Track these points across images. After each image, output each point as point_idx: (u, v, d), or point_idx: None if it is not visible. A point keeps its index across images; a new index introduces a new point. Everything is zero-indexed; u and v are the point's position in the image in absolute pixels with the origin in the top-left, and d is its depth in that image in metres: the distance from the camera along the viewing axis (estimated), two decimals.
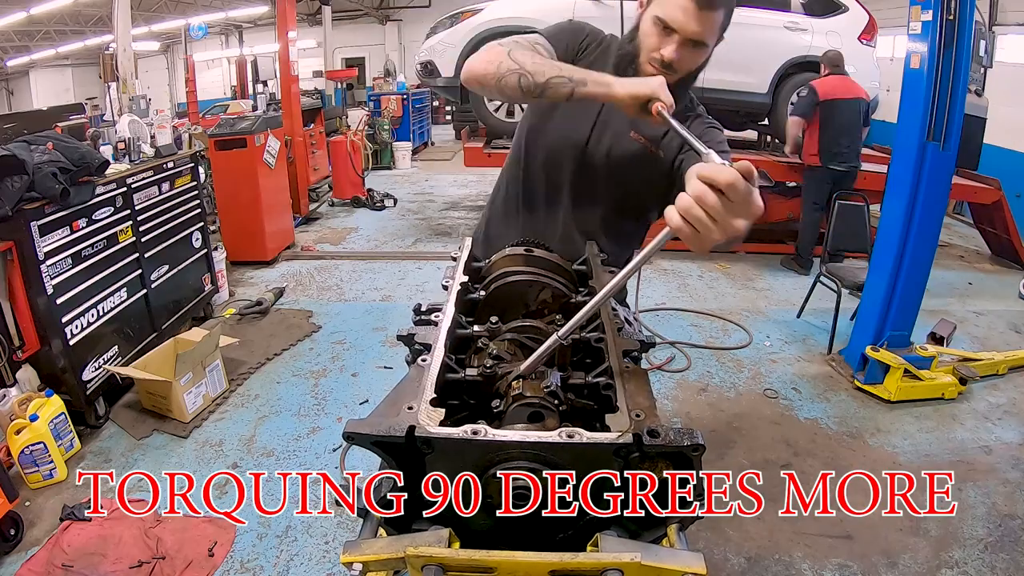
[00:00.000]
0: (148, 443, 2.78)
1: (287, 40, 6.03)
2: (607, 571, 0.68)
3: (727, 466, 2.66)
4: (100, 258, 2.93)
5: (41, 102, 16.89)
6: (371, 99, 10.88)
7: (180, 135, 4.47)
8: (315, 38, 15.71)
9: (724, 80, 5.18)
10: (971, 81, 3.52)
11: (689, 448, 0.74)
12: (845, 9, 5.36)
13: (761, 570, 2.12)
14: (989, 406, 3.16)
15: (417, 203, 7.56)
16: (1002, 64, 6.18)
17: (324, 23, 14.38)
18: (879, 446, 2.83)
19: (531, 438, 0.75)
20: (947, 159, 2.96)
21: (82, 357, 2.78)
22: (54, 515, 2.31)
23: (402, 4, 16.94)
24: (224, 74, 18.00)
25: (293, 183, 5.94)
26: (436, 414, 0.79)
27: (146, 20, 15.24)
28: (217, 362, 3.10)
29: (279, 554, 2.16)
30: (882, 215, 3.26)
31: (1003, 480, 2.60)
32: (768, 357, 3.68)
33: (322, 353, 3.66)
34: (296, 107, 6.24)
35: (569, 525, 0.82)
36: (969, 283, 5.03)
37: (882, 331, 3.21)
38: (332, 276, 4.99)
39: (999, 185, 5.35)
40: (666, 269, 5.16)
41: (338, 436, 2.79)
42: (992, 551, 2.21)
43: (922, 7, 2.87)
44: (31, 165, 2.48)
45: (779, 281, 4.96)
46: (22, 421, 2.42)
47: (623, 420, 0.78)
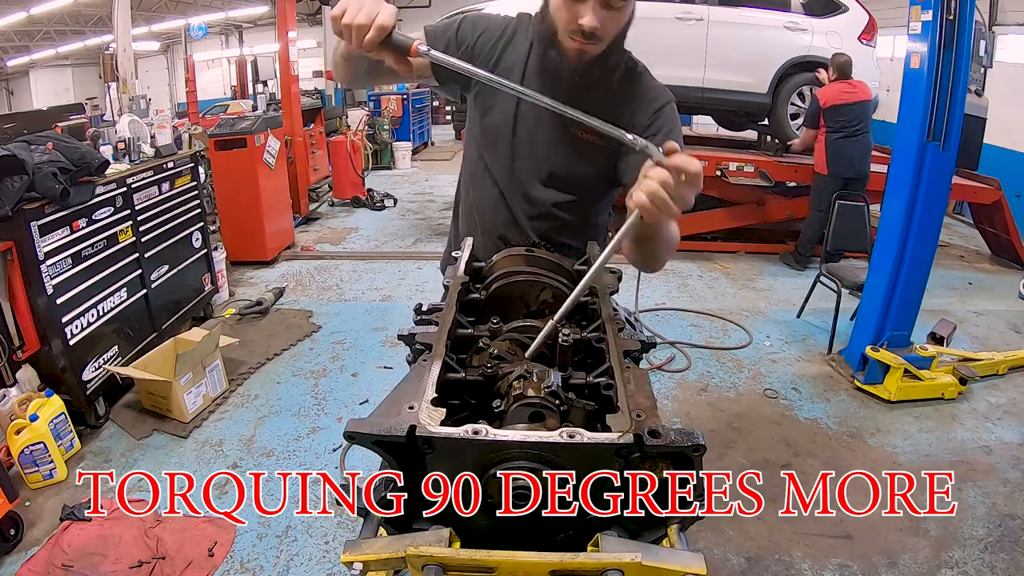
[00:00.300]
0: (148, 443, 2.78)
1: (287, 40, 6.03)
2: (607, 571, 0.68)
3: (727, 466, 2.66)
4: (100, 258, 2.93)
5: (41, 102, 16.87)
6: (371, 99, 10.87)
7: (180, 135, 4.47)
8: (315, 38, 15.70)
9: (724, 80, 5.19)
10: (971, 81, 3.52)
11: (690, 448, 0.74)
12: (845, 9, 5.35)
13: (761, 570, 2.12)
14: (989, 406, 3.16)
15: (417, 203, 7.56)
16: (1002, 64, 6.18)
17: (324, 23, 14.37)
18: (879, 446, 2.83)
19: (532, 438, 0.75)
20: (947, 159, 2.96)
21: (82, 357, 2.78)
22: (54, 515, 2.31)
23: (402, 4, 16.91)
24: (224, 74, 17.99)
25: (293, 183, 5.94)
26: (437, 414, 0.79)
27: (146, 20, 15.24)
28: (217, 362, 3.10)
29: (279, 554, 2.16)
30: (882, 215, 3.26)
31: (1003, 480, 2.60)
32: (768, 357, 3.68)
33: (322, 353, 3.66)
34: (296, 107, 6.24)
35: (569, 525, 0.82)
36: (969, 283, 5.03)
37: (882, 331, 3.21)
38: (332, 276, 4.99)
39: (999, 185, 5.35)
40: (666, 269, 5.13)
41: (338, 436, 2.80)
42: (992, 551, 2.21)
43: (922, 7, 2.87)
44: (31, 165, 2.48)
45: (779, 281, 4.96)
46: (22, 421, 2.42)
47: (624, 420, 0.78)
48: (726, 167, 5.27)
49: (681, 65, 5.03)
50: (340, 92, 13.85)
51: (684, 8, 5.07)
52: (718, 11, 5.10)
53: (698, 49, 5.09)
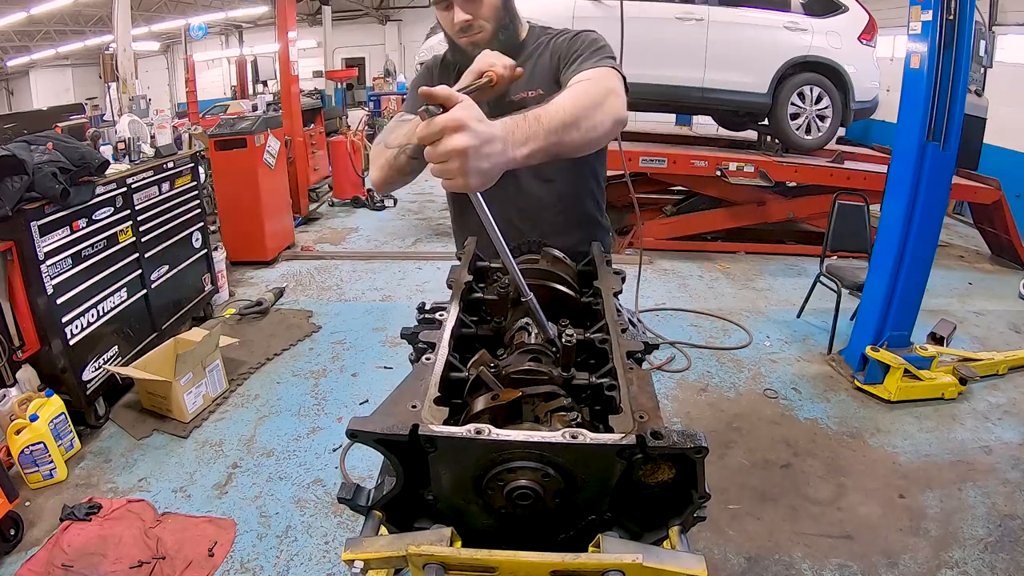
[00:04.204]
0: (148, 443, 2.78)
1: (287, 40, 6.03)
2: (609, 572, 0.68)
3: (727, 466, 2.66)
4: (100, 258, 2.93)
5: (41, 102, 16.89)
6: (371, 99, 10.89)
7: (180, 135, 4.46)
8: (315, 38, 15.72)
9: (724, 80, 5.19)
10: (971, 81, 3.51)
11: (692, 450, 0.74)
12: (845, 9, 5.36)
13: (761, 570, 2.12)
14: (989, 406, 3.17)
15: (417, 203, 7.55)
16: (1002, 64, 6.18)
17: (324, 23, 14.40)
18: (879, 446, 2.83)
19: (535, 438, 0.75)
20: (947, 159, 2.96)
21: (82, 357, 2.78)
22: (54, 515, 2.30)
23: (402, 4, 16.95)
24: (224, 74, 18.00)
25: (293, 183, 5.94)
26: (440, 413, 0.79)
27: (146, 20, 15.24)
28: (217, 362, 3.10)
29: (279, 554, 2.16)
30: (882, 215, 3.26)
31: (1003, 480, 2.60)
32: (768, 357, 3.68)
33: (322, 353, 3.66)
34: (296, 107, 6.24)
35: (571, 525, 0.82)
36: (969, 283, 5.03)
37: (882, 331, 3.21)
38: (332, 276, 4.99)
39: (999, 185, 5.36)
40: (666, 269, 5.16)
41: (338, 436, 2.80)
42: (992, 551, 2.21)
43: (922, 7, 2.87)
44: (31, 165, 2.48)
45: (779, 281, 4.96)
46: (22, 421, 2.42)
47: (627, 421, 0.78)
48: (726, 167, 5.27)
49: (681, 65, 5.04)
50: (340, 92, 13.84)
51: (684, 8, 5.07)
52: (718, 11, 5.11)
53: (698, 49, 5.10)
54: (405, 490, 0.81)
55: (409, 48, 16.75)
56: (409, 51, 16.59)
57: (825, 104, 5.36)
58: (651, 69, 4.89)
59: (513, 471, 0.76)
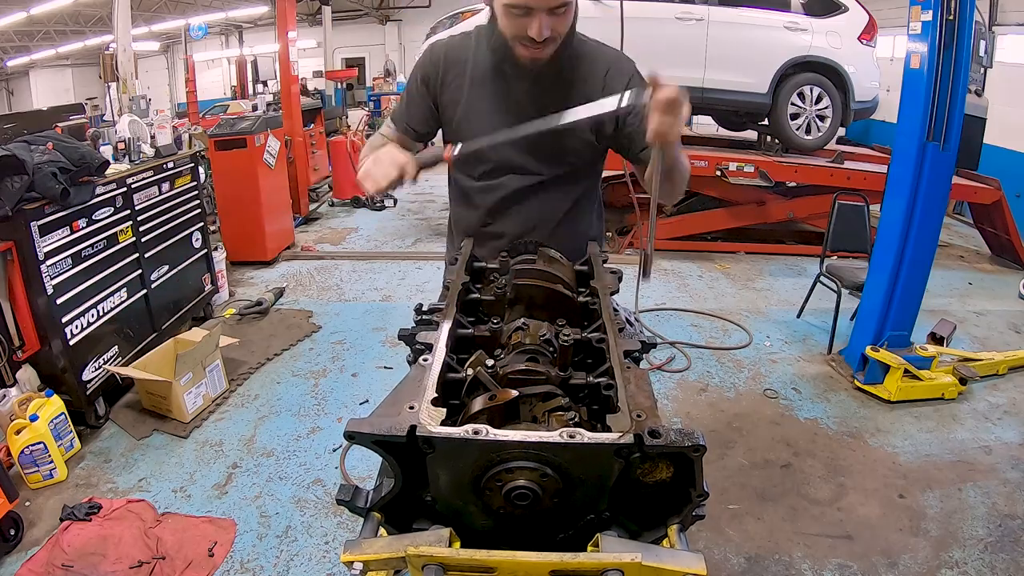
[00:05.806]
0: (148, 443, 2.78)
1: (287, 40, 6.02)
2: (608, 571, 0.68)
3: (727, 466, 2.66)
4: (100, 258, 2.92)
5: (41, 102, 16.88)
6: (371, 99, 10.88)
7: (180, 135, 4.46)
8: (315, 38, 15.71)
9: (724, 80, 5.19)
10: (971, 81, 3.51)
11: (690, 449, 0.74)
12: (845, 9, 5.36)
13: (761, 570, 2.12)
14: (989, 406, 3.16)
15: (417, 203, 7.55)
16: (1002, 64, 6.18)
17: (324, 23, 14.40)
18: (879, 446, 2.83)
19: (532, 438, 0.75)
20: (947, 159, 2.96)
21: (82, 357, 2.78)
22: (54, 515, 2.30)
23: (402, 4, 16.93)
24: (224, 74, 17.99)
25: (293, 183, 5.93)
26: (437, 414, 0.79)
27: (146, 20, 15.24)
28: (217, 362, 3.10)
29: (279, 554, 2.16)
30: (882, 215, 3.26)
31: (1003, 480, 2.60)
32: (768, 357, 3.68)
33: (322, 353, 3.66)
34: (296, 107, 6.23)
35: (569, 525, 0.82)
36: (969, 283, 5.03)
37: (882, 331, 3.21)
38: (332, 276, 4.99)
39: (999, 185, 5.35)
40: (666, 269, 5.16)
41: (338, 436, 2.80)
42: (992, 551, 2.21)
43: (922, 7, 2.87)
44: (31, 165, 2.48)
45: (779, 281, 4.96)
46: (22, 421, 2.42)
47: (624, 420, 0.78)
48: (726, 167, 5.27)
49: (681, 65, 5.03)
50: (340, 92, 13.84)
51: (684, 8, 5.07)
52: (718, 11, 5.10)
53: (698, 49, 5.09)
54: (403, 491, 0.81)
55: (409, 48, 16.74)
56: (409, 51, 16.58)
57: (825, 104, 5.35)
58: (651, 69, 4.88)
59: (511, 471, 0.76)
